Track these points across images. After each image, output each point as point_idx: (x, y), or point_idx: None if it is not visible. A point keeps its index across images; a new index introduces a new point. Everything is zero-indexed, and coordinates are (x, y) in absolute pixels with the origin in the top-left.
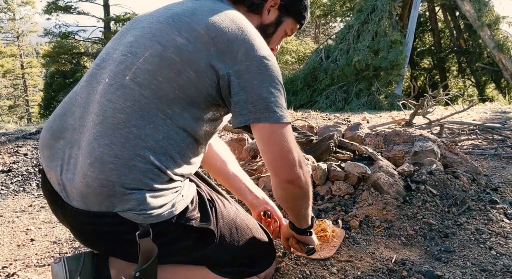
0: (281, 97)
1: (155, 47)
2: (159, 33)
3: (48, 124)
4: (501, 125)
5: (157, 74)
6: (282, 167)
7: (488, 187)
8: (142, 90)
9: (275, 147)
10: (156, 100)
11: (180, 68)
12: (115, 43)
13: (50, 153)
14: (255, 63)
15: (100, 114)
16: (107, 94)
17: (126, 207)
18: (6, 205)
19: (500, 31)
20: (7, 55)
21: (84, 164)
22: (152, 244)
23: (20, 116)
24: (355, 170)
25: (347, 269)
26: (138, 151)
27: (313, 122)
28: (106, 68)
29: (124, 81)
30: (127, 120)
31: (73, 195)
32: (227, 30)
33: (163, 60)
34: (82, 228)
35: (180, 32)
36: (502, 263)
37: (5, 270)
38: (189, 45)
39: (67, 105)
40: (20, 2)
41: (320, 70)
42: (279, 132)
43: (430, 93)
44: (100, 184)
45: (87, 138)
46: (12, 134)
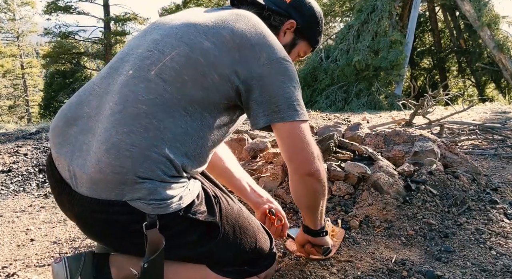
0: (300, 95)
1: (182, 47)
2: (186, 36)
3: (62, 112)
4: (501, 125)
5: (183, 73)
6: (302, 160)
7: (488, 187)
8: (167, 85)
9: (297, 141)
10: (179, 97)
11: (205, 70)
12: (139, 40)
13: (62, 139)
14: (276, 65)
15: (120, 103)
16: (130, 85)
17: (136, 195)
18: (6, 205)
19: (500, 31)
20: (7, 55)
21: (99, 150)
22: (159, 235)
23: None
24: (355, 170)
25: (347, 269)
26: (156, 142)
27: (313, 122)
28: (129, 62)
29: (149, 75)
30: (148, 112)
31: (82, 181)
32: (250, 35)
33: (190, 60)
34: (89, 216)
35: (207, 37)
36: (502, 263)
37: (5, 270)
38: (215, 49)
39: (84, 94)
40: (20, 2)
41: (320, 70)
42: (301, 129)
43: (430, 93)
44: (114, 170)
45: (104, 125)
46: (12, 134)
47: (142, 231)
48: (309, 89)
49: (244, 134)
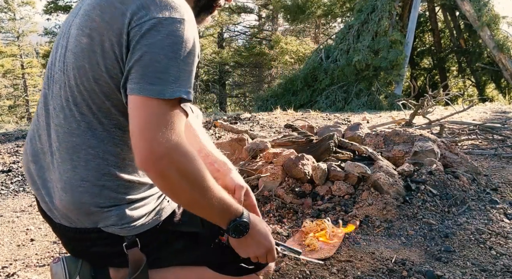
0: (175, 67)
1: (70, 58)
2: (71, 41)
3: (25, 147)
4: (501, 125)
5: (82, 90)
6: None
7: (488, 187)
8: (79, 108)
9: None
10: (96, 116)
11: (94, 75)
12: (54, 55)
13: (30, 176)
14: (151, 24)
15: (56, 140)
16: (54, 118)
17: (108, 223)
18: (6, 205)
19: (500, 31)
20: (7, 55)
21: (57, 189)
22: (140, 254)
23: (20, 116)
24: (355, 170)
25: (347, 269)
26: (102, 170)
27: (313, 122)
28: (50, 88)
29: (62, 102)
30: (81, 143)
31: (57, 215)
32: (118, 3)
33: (80, 71)
34: (72, 244)
35: (83, 30)
36: (502, 263)
37: (5, 270)
38: (91, 43)
39: (34, 127)
40: (20, 2)
41: (320, 70)
42: (162, 110)
43: (430, 93)
44: (76, 206)
45: (54, 164)
46: (12, 134)
47: (123, 252)
48: (309, 89)
49: (244, 134)
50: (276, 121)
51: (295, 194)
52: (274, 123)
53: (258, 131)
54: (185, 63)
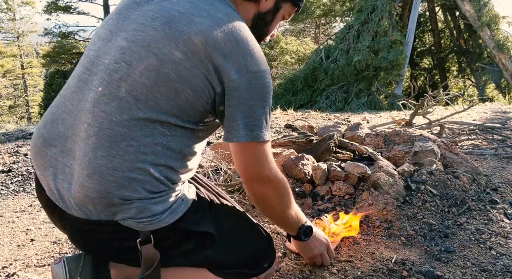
0: (266, 114)
1: (151, 59)
2: (155, 44)
3: (39, 131)
4: (501, 125)
5: (155, 91)
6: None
7: (488, 187)
8: (140, 104)
9: (256, 162)
10: (154, 116)
11: (177, 87)
12: (105, 46)
13: (43, 161)
14: (247, 80)
15: (94, 125)
16: (101, 104)
17: (126, 215)
18: (6, 205)
19: (500, 31)
20: (7, 55)
21: (82, 175)
22: (154, 251)
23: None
24: (355, 170)
25: (347, 269)
26: (138, 164)
27: (313, 122)
28: (97, 75)
29: (120, 92)
30: (125, 133)
31: (71, 204)
32: (224, 43)
33: (161, 76)
34: (81, 235)
35: (177, 45)
36: (502, 263)
37: (5, 270)
38: (186, 61)
39: (57, 110)
40: (20, 2)
41: (320, 70)
42: (262, 150)
43: (430, 93)
44: (99, 195)
45: (82, 149)
46: (12, 134)
47: (136, 247)
48: (309, 89)
49: None
50: (276, 121)
51: (295, 194)
52: (274, 123)
53: None
54: (270, 108)
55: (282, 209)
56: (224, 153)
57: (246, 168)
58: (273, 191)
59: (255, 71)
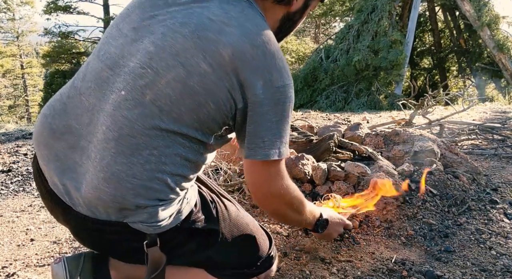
0: (287, 131)
1: (178, 70)
2: (183, 53)
3: (46, 120)
4: (501, 125)
5: (179, 103)
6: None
7: (488, 187)
8: (163, 115)
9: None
10: (175, 128)
11: (201, 101)
12: (130, 46)
13: (48, 152)
14: (270, 96)
15: (114, 129)
16: (123, 109)
17: (137, 219)
18: (6, 205)
19: (500, 31)
20: (7, 55)
21: (97, 178)
22: (160, 253)
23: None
24: (355, 170)
25: (347, 269)
26: (157, 174)
27: (313, 122)
28: (120, 76)
29: (144, 100)
30: (148, 142)
31: (79, 202)
32: (251, 58)
33: (186, 89)
34: (88, 234)
35: (205, 56)
36: (502, 263)
37: (5, 270)
38: (212, 74)
39: (69, 103)
40: (19, 2)
41: (320, 70)
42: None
43: (430, 93)
44: (114, 200)
45: (100, 152)
46: (12, 134)
47: (142, 249)
48: (309, 89)
49: None
50: None
51: None
52: None
53: None
54: (289, 124)
55: (298, 216)
56: (224, 153)
57: (256, 188)
58: (288, 206)
59: (279, 86)
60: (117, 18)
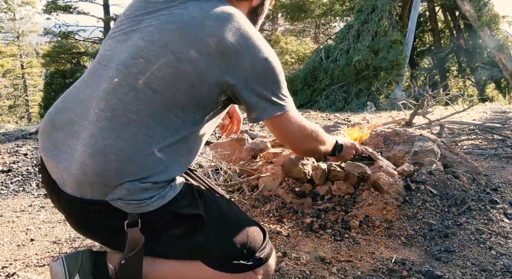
0: (283, 88)
1: (169, 57)
2: (171, 44)
3: (49, 116)
4: (501, 125)
5: (172, 86)
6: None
7: (488, 187)
8: (156, 95)
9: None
10: (170, 106)
11: (194, 82)
12: (120, 45)
13: (49, 143)
14: (259, 69)
15: (107, 110)
16: (117, 93)
17: (116, 196)
18: (6, 205)
19: (500, 31)
20: (7, 55)
21: (84, 154)
22: (139, 234)
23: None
24: (355, 170)
25: (347, 269)
26: (144, 147)
27: (313, 122)
28: (112, 68)
29: (137, 84)
30: (139, 121)
31: (68, 182)
32: (234, 41)
33: (178, 72)
34: (75, 214)
35: (192, 45)
36: (502, 263)
37: (5, 270)
38: (201, 59)
39: (69, 100)
40: (20, 2)
41: (320, 70)
42: (286, 120)
43: (430, 93)
44: (97, 173)
45: (90, 131)
46: (12, 134)
47: (123, 229)
48: (309, 89)
49: (244, 134)
50: None
51: (295, 194)
52: None
53: (258, 131)
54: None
55: (323, 147)
56: (224, 153)
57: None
58: (312, 144)
59: (265, 58)
60: (110, 31)
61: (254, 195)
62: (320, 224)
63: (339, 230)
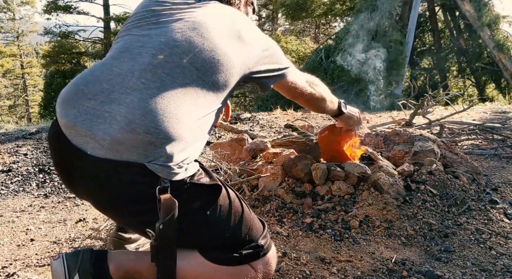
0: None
1: (207, 44)
2: (203, 36)
3: (77, 87)
4: (501, 125)
5: (213, 66)
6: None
7: (488, 187)
8: (200, 74)
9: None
10: (210, 84)
11: (228, 67)
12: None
13: (76, 111)
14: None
15: (156, 81)
16: (165, 68)
17: (156, 156)
18: (6, 205)
19: (500, 31)
20: (7, 55)
21: (133, 114)
22: (172, 199)
23: (20, 116)
24: (355, 170)
25: (347, 269)
26: (189, 113)
27: (313, 122)
28: (153, 48)
29: (182, 62)
30: (186, 92)
31: (103, 143)
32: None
33: (216, 56)
34: (103, 177)
35: (220, 36)
36: (502, 263)
37: (5, 270)
38: (230, 47)
39: (101, 74)
40: (20, 2)
41: (320, 70)
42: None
43: (430, 93)
44: (147, 130)
45: (137, 96)
46: (12, 134)
47: (154, 195)
48: None
49: (244, 134)
50: (276, 121)
51: (295, 194)
52: (274, 123)
53: (258, 131)
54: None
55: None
56: (224, 153)
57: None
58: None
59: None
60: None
61: (254, 195)
62: (320, 224)
63: (339, 230)
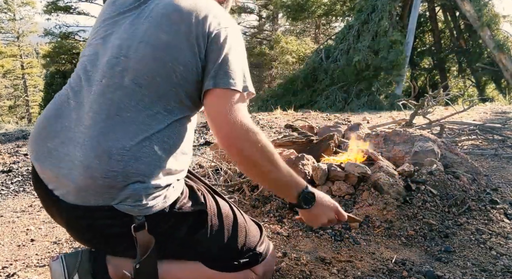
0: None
1: (146, 49)
2: (144, 34)
3: (42, 125)
4: (501, 125)
5: (155, 75)
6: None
7: (488, 187)
8: (143, 90)
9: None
10: (157, 99)
11: (172, 66)
12: (101, 49)
13: (42, 152)
14: (221, 37)
15: (101, 112)
16: (106, 94)
17: (123, 199)
18: (6, 205)
19: (500, 31)
20: (7, 55)
21: (88, 158)
22: (149, 236)
23: (20, 116)
24: (355, 170)
25: (347, 269)
26: (146, 144)
27: (313, 122)
28: (98, 71)
29: (124, 82)
30: (134, 118)
31: (69, 190)
32: (196, 12)
33: (156, 61)
34: (77, 223)
35: (162, 27)
36: (502, 263)
37: (5, 270)
38: (172, 40)
39: (60, 108)
40: (20, 3)
41: (320, 70)
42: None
43: (430, 93)
44: (104, 175)
45: (88, 134)
46: (12, 134)
47: (130, 234)
48: (309, 89)
49: None
50: (276, 121)
51: None
52: (274, 123)
53: None
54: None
55: (273, 168)
56: (224, 153)
57: (220, 119)
58: (257, 149)
59: (226, 27)
60: (88, 40)
61: (254, 195)
62: None
63: (339, 230)
